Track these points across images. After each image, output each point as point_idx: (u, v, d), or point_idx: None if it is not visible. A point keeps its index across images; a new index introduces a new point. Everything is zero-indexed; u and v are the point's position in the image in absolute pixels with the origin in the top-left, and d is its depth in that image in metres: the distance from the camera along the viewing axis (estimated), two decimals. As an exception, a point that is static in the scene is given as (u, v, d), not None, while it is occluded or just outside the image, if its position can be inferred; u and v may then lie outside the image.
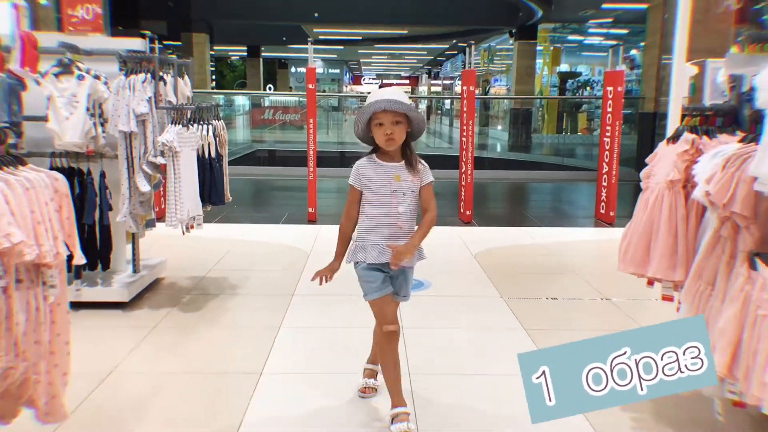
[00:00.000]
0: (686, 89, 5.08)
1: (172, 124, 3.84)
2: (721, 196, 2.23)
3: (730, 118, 2.67)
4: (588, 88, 24.08)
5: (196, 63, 14.05)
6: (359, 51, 32.48)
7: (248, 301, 4.25)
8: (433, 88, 43.60)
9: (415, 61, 39.24)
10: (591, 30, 22.91)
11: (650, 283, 2.83)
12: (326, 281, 2.58)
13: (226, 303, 4.19)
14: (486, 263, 5.25)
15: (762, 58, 2.28)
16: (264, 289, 4.49)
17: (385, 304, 2.58)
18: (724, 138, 2.62)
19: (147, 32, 4.14)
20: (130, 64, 3.85)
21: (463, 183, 7.14)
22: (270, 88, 29.39)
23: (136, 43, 4.07)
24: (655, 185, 2.74)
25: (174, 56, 4.22)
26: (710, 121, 2.72)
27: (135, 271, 4.29)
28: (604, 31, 22.25)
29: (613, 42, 21.15)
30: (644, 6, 12.00)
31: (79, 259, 2.29)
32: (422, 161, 2.60)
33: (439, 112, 27.93)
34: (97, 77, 3.76)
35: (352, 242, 2.61)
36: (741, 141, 2.41)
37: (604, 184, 7.27)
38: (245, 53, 28.38)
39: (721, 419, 2.42)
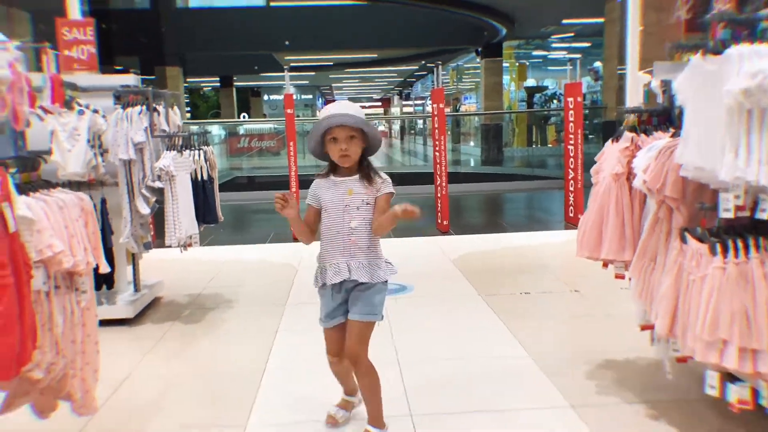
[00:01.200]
0: (641, 96, 5.54)
1: (167, 150, 4.17)
2: (655, 183, 2.63)
3: (664, 117, 3.08)
4: (555, 101, 24.83)
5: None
6: (330, 76, 33.00)
7: (245, 311, 4.56)
8: (405, 109, 44.29)
9: (386, 83, 39.90)
10: (554, 45, 23.71)
11: (605, 264, 3.21)
12: (280, 201, 2.46)
13: (224, 314, 4.49)
14: (464, 267, 5.61)
15: (682, 65, 2.68)
16: (258, 300, 4.81)
17: (332, 334, 2.57)
18: (659, 135, 3.01)
19: (119, 67, 4.46)
20: (125, 98, 4.18)
21: (439, 195, 7.53)
22: (244, 116, 29.70)
23: (129, 79, 4.40)
24: (602, 179, 3.13)
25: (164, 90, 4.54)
26: (647, 120, 3.13)
27: (136, 290, 4.58)
28: (567, 45, 23.04)
29: (575, 55, 21.86)
30: (601, 20, 12.62)
31: (104, 267, 2.61)
32: (383, 175, 2.50)
33: (413, 132, 28.49)
34: (95, 111, 4.07)
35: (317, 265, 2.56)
36: (671, 136, 2.82)
37: (571, 189, 7.70)
38: (218, 83, 28.75)
39: (670, 376, 2.79)
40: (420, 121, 28.03)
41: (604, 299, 4.48)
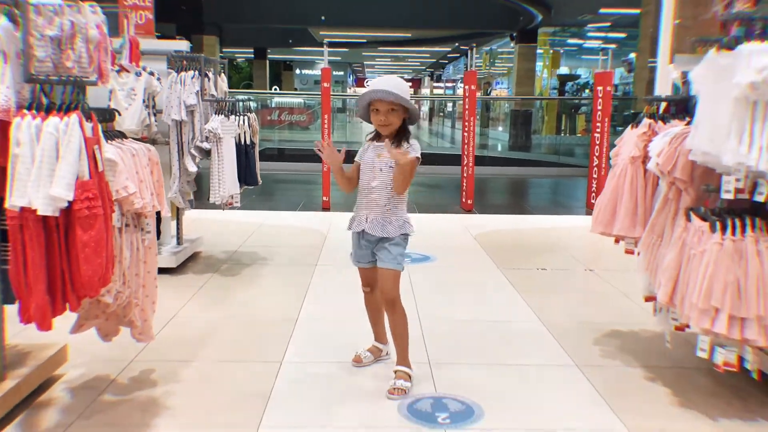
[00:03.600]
0: (670, 88, 5.74)
1: (215, 114, 4.48)
2: (667, 165, 2.87)
3: (682, 107, 3.30)
4: (587, 90, 24.74)
5: (209, 64, 14.65)
6: (363, 53, 33.15)
7: (278, 268, 4.90)
8: (435, 91, 44.27)
9: (418, 63, 39.94)
10: (590, 34, 23.60)
11: (616, 240, 3.46)
12: (324, 147, 2.80)
13: (260, 270, 4.83)
14: (484, 242, 5.88)
15: (700, 58, 2.90)
16: (291, 260, 5.16)
17: (362, 271, 2.95)
18: (675, 123, 3.24)
19: (158, 33, 4.74)
20: (179, 62, 4.49)
21: (465, 174, 7.78)
22: (276, 89, 30.02)
23: (181, 45, 4.70)
24: (620, 161, 3.37)
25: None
26: (665, 109, 3.35)
27: (179, 243, 4.93)
28: (603, 35, 22.94)
29: (610, 45, 21.77)
30: (638, 11, 12.65)
31: (167, 212, 2.93)
32: (412, 141, 2.78)
33: (442, 114, 28.57)
34: (151, 74, 4.39)
35: None
36: (686, 124, 3.05)
37: (595, 176, 7.90)
38: (252, 55, 29.08)
39: (669, 345, 3.05)
40: (449, 104, 28.12)
41: (616, 279, 4.72)
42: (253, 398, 2.73)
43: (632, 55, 22.15)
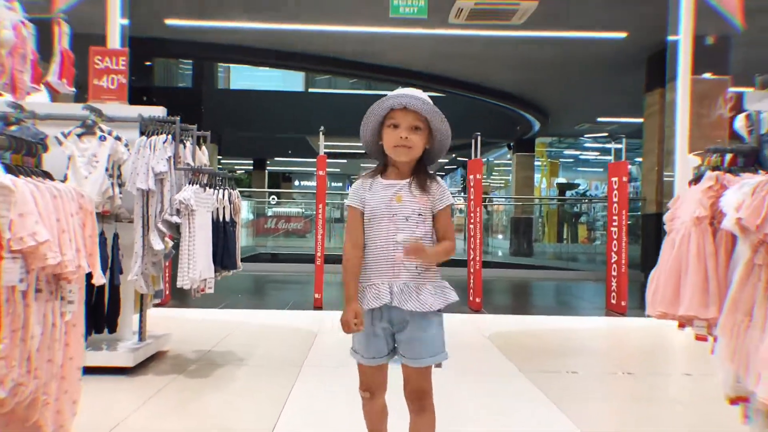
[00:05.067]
0: (689, 178, 5.22)
1: (189, 184, 3.87)
2: (754, 219, 2.20)
3: (752, 158, 2.70)
4: (586, 200, 24.56)
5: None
6: (362, 165, 33.35)
7: (257, 370, 4.09)
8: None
9: (416, 176, 40.20)
10: (587, 144, 23.73)
11: (681, 325, 2.73)
12: (357, 327, 1.98)
13: (234, 372, 4.02)
14: (500, 343, 5.09)
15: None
16: (272, 361, 4.34)
17: (368, 369, 2.09)
18: (746, 176, 2.63)
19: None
20: (151, 126, 3.94)
21: (472, 271, 7.09)
22: (273, 198, 29.88)
23: (157, 110, 4.17)
24: (680, 225, 2.72)
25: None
26: (731, 161, 2.75)
27: (141, 339, 4.15)
28: (600, 145, 23.03)
29: (606, 157, 21.82)
30: (637, 120, 12.47)
31: (99, 278, 2.23)
32: (440, 180, 2.09)
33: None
34: (118, 138, 3.83)
35: None
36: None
37: (614, 274, 7.20)
38: (251, 166, 29.16)
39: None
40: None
41: (664, 383, 3.95)
42: None
43: (630, 167, 22.16)
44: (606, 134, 20.02)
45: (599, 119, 17.45)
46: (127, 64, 4.19)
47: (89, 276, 2.18)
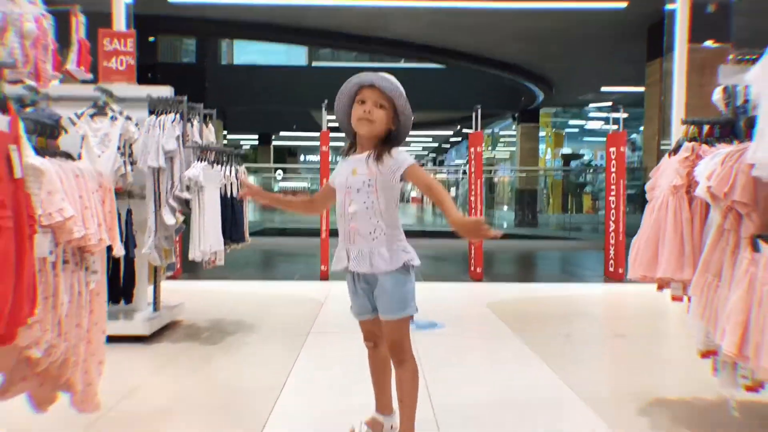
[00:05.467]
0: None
1: (197, 161, 4.06)
2: (722, 187, 2.37)
3: (727, 129, 2.86)
4: (591, 169, 24.60)
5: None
6: (366, 139, 33.38)
7: (267, 336, 4.32)
8: (438, 176, 44.36)
9: (421, 148, 40.22)
10: (591, 114, 23.68)
11: (660, 287, 2.93)
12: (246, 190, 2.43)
13: (245, 338, 4.25)
14: (498, 310, 5.30)
15: (748, 69, 2.48)
16: (282, 327, 4.57)
17: (364, 323, 2.34)
18: (721, 146, 2.79)
19: None
20: (160, 106, 4.11)
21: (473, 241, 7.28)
22: (279, 173, 30.03)
23: (164, 91, 4.33)
24: (659, 193, 2.89)
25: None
26: (708, 132, 2.90)
27: (155, 309, 4.38)
28: (605, 115, 22.99)
29: (612, 126, 21.80)
30: (640, 89, 12.51)
31: (119, 250, 2.43)
32: (395, 150, 2.19)
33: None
34: (128, 118, 4.01)
35: None
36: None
37: (612, 242, 7.38)
38: (256, 141, 29.27)
39: (735, 413, 2.46)
40: (452, 189, 27.96)
41: (653, 344, 4.15)
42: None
43: (635, 136, 22.14)
44: (610, 103, 20.04)
45: (603, 89, 17.45)
46: (134, 45, 4.35)
47: (109, 249, 2.39)
